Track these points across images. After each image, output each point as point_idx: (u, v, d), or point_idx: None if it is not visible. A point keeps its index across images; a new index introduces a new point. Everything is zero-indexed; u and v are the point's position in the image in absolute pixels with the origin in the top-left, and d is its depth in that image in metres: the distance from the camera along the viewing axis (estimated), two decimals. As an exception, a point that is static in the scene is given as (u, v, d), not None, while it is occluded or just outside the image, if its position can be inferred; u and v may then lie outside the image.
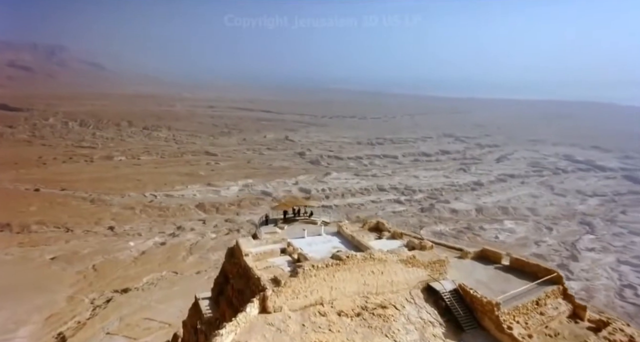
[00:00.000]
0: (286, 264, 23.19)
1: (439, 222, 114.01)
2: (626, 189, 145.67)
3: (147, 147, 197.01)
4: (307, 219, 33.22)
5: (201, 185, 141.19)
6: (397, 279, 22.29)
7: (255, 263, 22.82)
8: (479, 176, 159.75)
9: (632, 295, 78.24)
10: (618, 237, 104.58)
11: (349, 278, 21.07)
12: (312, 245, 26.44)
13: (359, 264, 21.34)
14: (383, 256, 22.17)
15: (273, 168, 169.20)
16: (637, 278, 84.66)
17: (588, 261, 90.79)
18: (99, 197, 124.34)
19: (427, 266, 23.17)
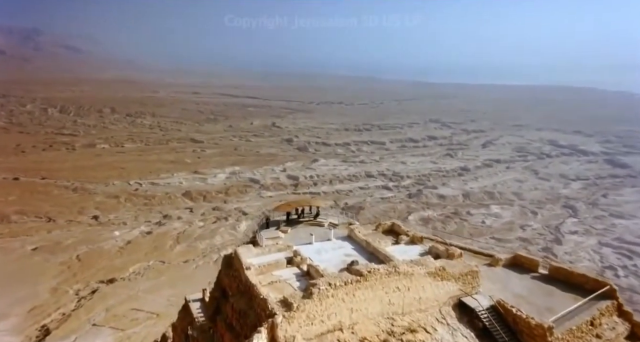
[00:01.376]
0: (294, 278, 20.22)
1: (427, 207, 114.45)
2: (607, 172, 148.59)
3: (130, 134, 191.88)
4: (312, 221, 29.68)
5: (187, 173, 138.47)
6: (425, 295, 19.12)
7: (259, 277, 19.72)
8: (466, 162, 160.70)
9: (612, 276, 79.82)
10: (599, 220, 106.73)
11: (371, 297, 17.87)
12: (322, 253, 23.53)
13: (382, 280, 18.07)
14: (409, 268, 18.89)
15: (260, 155, 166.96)
16: (617, 259, 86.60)
17: (571, 244, 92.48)
18: (81, 185, 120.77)
19: (458, 278, 19.94)
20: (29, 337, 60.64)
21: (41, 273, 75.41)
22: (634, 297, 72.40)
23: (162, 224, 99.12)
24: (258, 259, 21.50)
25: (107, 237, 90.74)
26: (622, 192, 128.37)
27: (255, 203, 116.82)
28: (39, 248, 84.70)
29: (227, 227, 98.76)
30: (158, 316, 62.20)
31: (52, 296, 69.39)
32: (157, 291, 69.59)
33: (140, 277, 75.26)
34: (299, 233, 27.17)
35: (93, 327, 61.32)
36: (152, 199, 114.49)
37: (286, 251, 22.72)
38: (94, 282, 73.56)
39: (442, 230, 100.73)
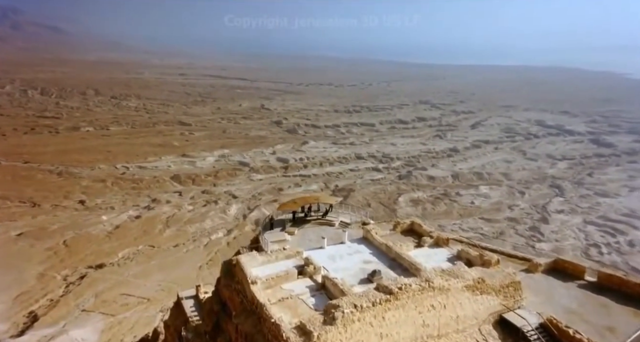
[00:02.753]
0: (308, 293, 17.38)
1: (417, 189, 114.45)
2: (592, 152, 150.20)
3: (116, 117, 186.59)
4: (321, 220, 26.43)
5: (175, 156, 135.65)
6: (463, 313, 16.38)
7: (266, 291, 17.02)
8: (455, 143, 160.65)
9: (596, 253, 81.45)
10: (585, 198, 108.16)
11: (403, 319, 15.14)
12: (336, 259, 20.59)
13: (415, 298, 15.37)
14: (445, 282, 16.08)
15: (249, 137, 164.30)
16: (601, 237, 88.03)
17: (557, 223, 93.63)
18: (66, 169, 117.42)
19: (499, 291, 17.07)
20: (16, 324, 59.35)
21: (27, 259, 73.51)
22: (616, 273, 73.84)
23: (151, 208, 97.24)
24: (264, 269, 18.61)
25: (94, 222, 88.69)
26: (607, 171, 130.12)
27: (245, 186, 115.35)
28: (24, 234, 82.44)
29: (217, 210, 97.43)
30: (149, 300, 61.37)
31: (39, 282, 67.81)
32: (147, 276, 68.52)
33: (129, 262, 73.96)
34: (308, 235, 24.23)
35: (82, 312, 60.25)
36: (140, 183, 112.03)
37: (295, 258, 19.96)
38: (82, 267, 72.05)
39: (432, 211, 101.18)
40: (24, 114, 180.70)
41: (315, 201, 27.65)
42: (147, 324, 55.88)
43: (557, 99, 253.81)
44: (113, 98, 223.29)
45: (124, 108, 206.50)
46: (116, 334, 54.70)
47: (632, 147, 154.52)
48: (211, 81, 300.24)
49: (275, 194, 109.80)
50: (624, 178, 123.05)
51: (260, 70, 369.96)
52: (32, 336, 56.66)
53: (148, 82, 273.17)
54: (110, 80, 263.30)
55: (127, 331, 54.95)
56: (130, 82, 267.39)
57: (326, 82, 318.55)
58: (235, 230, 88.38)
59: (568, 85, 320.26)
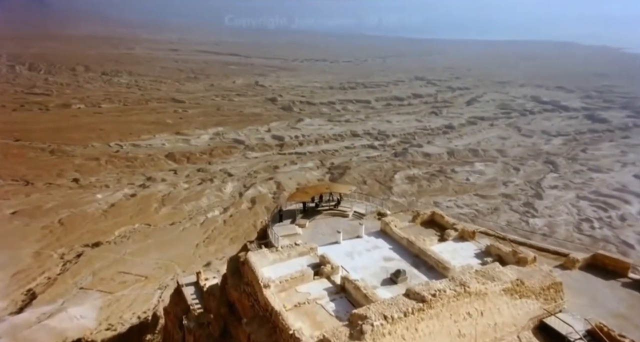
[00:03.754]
0: (326, 296, 15.61)
1: (412, 166, 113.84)
2: (586, 127, 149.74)
3: (107, 94, 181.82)
4: (333, 210, 24.40)
5: (169, 134, 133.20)
6: (501, 319, 14.61)
7: (280, 295, 15.42)
8: (450, 119, 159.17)
9: (588, 228, 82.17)
10: (578, 174, 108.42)
11: (437, 329, 13.43)
12: (354, 256, 18.75)
13: (450, 305, 13.70)
14: (482, 287, 14.33)
15: (244, 115, 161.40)
16: (593, 212, 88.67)
17: (551, 199, 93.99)
18: (59, 147, 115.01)
19: (539, 293, 15.41)
20: (15, 302, 59.23)
21: (22, 237, 72.73)
22: (608, 246, 74.60)
23: (146, 186, 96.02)
24: (275, 269, 16.84)
25: (89, 200, 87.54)
26: (600, 147, 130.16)
27: (241, 164, 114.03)
28: (18, 212, 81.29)
29: (212, 188, 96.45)
30: (146, 278, 61.21)
31: (35, 260, 67.34)
32: (144, 254, 68.15)
33: (126, 240, 73.41)
34: (320, 227, 22.22)
35: (80, 290, 60.11)
36: (134, 161, 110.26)
37: (309, 255, 18.12)
38: (78, 246, 71.48)
39: (427, 188, 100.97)
40: (12, 91, 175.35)
41: (327, 190, 25.31)
42: (145, 301, 55.95)
43: (553, 74, 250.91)
44: (104, 74, 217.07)
45: (116, 85, 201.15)
46: (115, 311, 54.69)
47: (625, 122, 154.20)
48: (204, 57, 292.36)
49: (271, 172, 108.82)
50: (617, 153, 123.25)
51: (253, 45, 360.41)
52: (31, 314, 56.61)
53: (139, 58, 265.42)
54: (100, 56, 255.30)
55: (125, 308, 54.97)
56: (120, 57, 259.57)
57: (321, 58, 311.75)
58: (232, 208, 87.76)
59: (564, 60, 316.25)
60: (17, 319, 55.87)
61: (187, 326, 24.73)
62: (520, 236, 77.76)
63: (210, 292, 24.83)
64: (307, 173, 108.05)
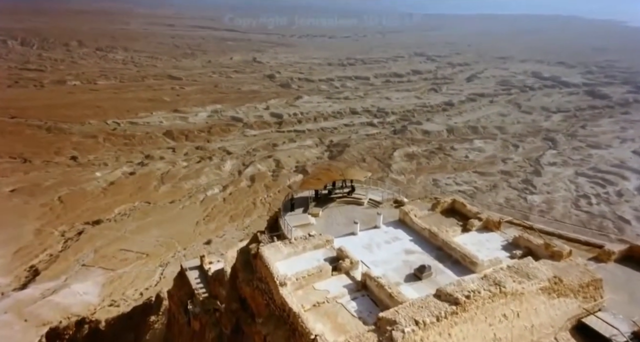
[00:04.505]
0: (347, 295, 14.27)
1: (412, 143, 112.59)
2: (586, 104, 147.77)
3: (103, 70, 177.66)
4: (347, 197, 22.68)
5: (167, 111, 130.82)
6: (538, 321, 13.28)
7: (297, 293, 14.09)
8: (450, 96, 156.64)
9: (586, 204, 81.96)
10: (577, 151, 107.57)
11: (472, 334, 12.15)
12: (373, 249, 17.35)
13: (484, 307, 12.36)
14: (518, 286, 13.01)
15: (242, 92, 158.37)
16: (591, 188, 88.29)
17: (550, 175, 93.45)
18: (55, 125, 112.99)
19: (578, 291, 14.07)
20: (18, 278, 59.39)
21: (22, 215, 72.25)
22: (604, 222, 74.79)
23: (145, 164, 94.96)
24: (290, 264, 15.59)
25: (88, 178, 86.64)
26: (600, 123, 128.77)
27: (239, 142, 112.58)
28: (17, 190, 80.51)
29: (211, 166, 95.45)
30: (147, 256, 61.19)
31: (36, 238, 67.13)
32: (144, 232, 67.92)
33: (126, 218, 73.04)
34: (334, 216, 20.54)
35: (82, 267, 60.16)
36: (132, 139, 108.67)
37: (325, 247, 16.71)
38: (79, 223, 71.14)
39: (426, 165, 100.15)
40: (6, 66, 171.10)
41: (342, 177, 23.04)
42: (147, 278, 56.11)
43: (554, 49, 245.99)
44: (98, 50, 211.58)
45: (111, 61, 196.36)
46: (117, 287, 54.88)
47: (625, 98, 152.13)
48: (200, 32, 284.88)
49: (270, 149, 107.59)
50: (617, 129, 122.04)
51: (250, 21, 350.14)
52: (35, 290, 56.83)
53: (134, 34, 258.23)
54: (94, 31, 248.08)
55: (128, 285, 55.16)
56: (115, 33, 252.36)
57: (319, 34, 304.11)
58: (231, 186, 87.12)
59: (566, 35, 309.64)
60: (21, 295, 56.15)
61: (192, 311, 24.26)
62: (518, 211, 77.55)
63: (216, 278, 24.16)
64: (306, 151, 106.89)
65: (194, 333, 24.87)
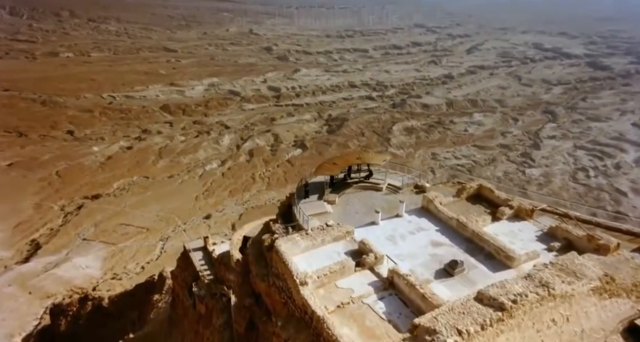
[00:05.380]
0: (373, 294, 12.85)
1: (411, 117, 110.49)
2: (588, 75, 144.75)
3: (96, 42, 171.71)
4: (364, 182, 20.86)
5: (163, 85, 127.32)
6: (588, 324, 11.83)
7: (319, 292, 12.66)
8: (450, 69, 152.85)
9: (583, 177, 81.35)
10: (577, 123, 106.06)
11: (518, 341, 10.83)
12: (397, 241, 15.71)
13: (532, 312, 10.96)
14: (568, 287, 11.53)
15: (239, 65, 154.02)
16: (589, 161, 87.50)
17: (548, 149, 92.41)
18: (50, 98, 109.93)
19: (631, 291, 12.53)
20: (20, 251, 59.12)
21: (21, 189, 71.19)
22: (601, 195, 74.49)
23: (142, 139, 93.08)
24: (309, 258, 14.16)
25: (85, 152, 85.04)
26: (600, 95, 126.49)
27: (237, 116, 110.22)
28: (15, 164, 79.09)
29: (209, 141, 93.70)
30: (148, 230, 60.71)
31: (36, 212, 66.41)
32: (144, 206, 67.19)
33: (125, 192, 72.10)
34: (352, 204, 18.76)
35: (83, 241, 59.74)
36: (128, 113, 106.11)
37: (346, 239, 15.21)
38: (78, 198, 70.24)
39: (425, 139, 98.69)
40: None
41: (359, 161, 21.11)
42: (148, 252, 55.84)
43: (557, 19, 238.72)
44: (91, 21, 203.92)
45: (104, 32, 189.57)
46: (119, 261, 54.69)
47: (627, 69, 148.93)
48: (195, 3, 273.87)
49: (268, 124, 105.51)
50: (617, 102, 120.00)
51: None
52: (37, 263, 56.67)
53: (127, 4, 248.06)
54: (85, 1, 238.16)
55: (129, 259, 54.94)
56: (107, 3, 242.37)
57: (317, 4, 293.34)
58: (230, 160, 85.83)
59: (567, 4, 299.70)
60: (24, 268, 56.03)
61: (197, 294, 23.56)
62: (516, 186, 76.96)
63: (221, 261, 23.27)
64: (304, 125, 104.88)
65: (200, 316, 24.46)
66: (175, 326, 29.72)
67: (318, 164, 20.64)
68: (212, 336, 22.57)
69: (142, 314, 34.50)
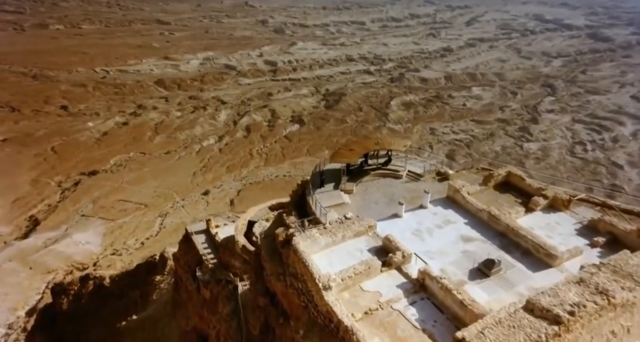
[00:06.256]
0: (403, 298, 11.35)
1: (409, 92, 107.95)
2: (588, 47, 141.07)
3: (86, 13, 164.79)
4: (382, 170, 18.81)
5: (157, 59, 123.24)
6: None
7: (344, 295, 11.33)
8: (449, 42, 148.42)
9: (581, 151, 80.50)
10: (575, 97, 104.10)
11: None
12: (423, 235, 14.10)
13: (591, 325, 9.48)
14: (629, 294, 9.89)
15: (234, 38, 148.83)
16: (587, 135, 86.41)
17: (547, 123, 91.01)
18: (41, 72, 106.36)
19: None
20: (19, 227, 58.56)
21: (17, 165, 69.79)
22: (598, 168, 73.92)
23: (138, 114, 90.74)
24: (330, 257, 12.64)
25: (80, 128, 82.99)
26: (600, 67, 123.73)
27: (234, 91, 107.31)
28: (9, 139, 77.32)
29: (206, 116, 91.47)
30: (146, 206, 59.89)
31: (33, 188, 65.38)
32: (141, 183, 66.10)
33: (122, 169, 70.82)
34: (371, 193, 16.89)
35: (82, 217, 59.05)
36: (122, 88, 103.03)
37: (368, 234, 13.60)
38: (74, 174, 69.02)
39: (423, 114, 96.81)
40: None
41: (378, 147, 19.00)
42: (147, 228, 55.26)
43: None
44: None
45: (94, 3, 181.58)
46: (118, 237, 54.17)
47: (628, 40, 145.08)
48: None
49: (265, 99, 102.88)
50: (617, 74, 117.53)
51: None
52: (37, 239, 56.19)
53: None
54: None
55: (128, 235, 54.41)
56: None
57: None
58: (227, 136, 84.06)
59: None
60: (23, 244, 55.58)
61: (201, 279, 22.73)
62: (514, 160, 75.88)
63: (225, 246, 22.33)
64: (301, 100, 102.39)
65: (205, 301, 23.92)
66: (178, 308, 29.23)
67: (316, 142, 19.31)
68: (219, 325, 21.75)
69: (144, 294, 34.12)
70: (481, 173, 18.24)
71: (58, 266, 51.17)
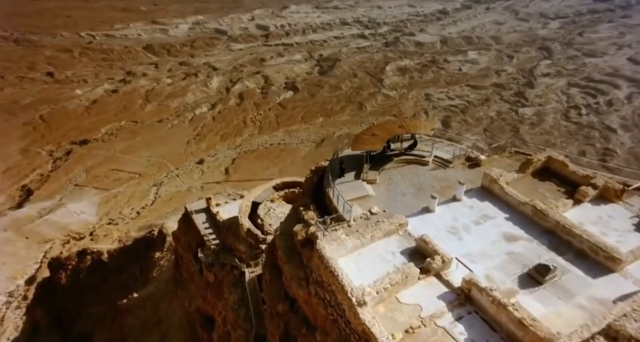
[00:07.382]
0: (447, 313, 9.52)
1: (404, 56, 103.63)
2: (587, 8, 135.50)
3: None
4: (406, 155, 16.37)
5: (145, 23, 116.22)
6: None
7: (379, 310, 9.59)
8: (445, 4, 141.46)
9: (575, 115, 78.73)
10: (572, 60, 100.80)
11: None
12: (460, 234, 11.93)
13: None
14: None
15: (224, 1, 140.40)
16: (582, 99, 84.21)
17: (542, 87, 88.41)
18: (23, 37, 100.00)
19: None
20: (12, 197, 56.80)
21: (4, 134, 66.79)
22: (591, 132, 72.61)
23: (127, 81, 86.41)
24: (359, 262, 10.73)
25: (68, 96, 79.03)
26: (598, 29, 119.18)
27: (225, 57, 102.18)
28: (-5, 108, 73.58)
29: (197, 84, 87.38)
30: (140, 175, 58.02)
31: (24, 157, 62.94)
32: (134, 152, 63.75)
33: (114, 138, 68.10)
34: (395, 183, 14.62)
35: (76, 187, 57.23)
36: (110, 54, 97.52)
37: (398, 233, 11.57)
38: (65, 143, 66.35)
39: (419, 79, 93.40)
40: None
41: (402, 131, 16.32)
42: (142, 197, 53.74)
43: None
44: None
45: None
46: (113, 207, 52.71)
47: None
48: None
49: (257, 65, 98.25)
50: (615, 35, 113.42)
51: None
52: (31, 209, 54.65)
53: None
54: None
55: (123, 204, 52.94)
56: None
57: None
58: (220, 104, 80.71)
59: None
60: (18, 214, 54.07)
61: (203, 260, 21.38)
62: (508, 125, 73.87)
63: (229, 228, 20.71)
64: (295, 66, 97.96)
65: (208, 283, 22.80)
66: (180, 288, 28.21)
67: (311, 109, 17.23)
68: (225, 311, 20.46)
69: (144, 270, 33.14)
70: (515, 157, 15.82)
71: (54, 235, 50.00)
